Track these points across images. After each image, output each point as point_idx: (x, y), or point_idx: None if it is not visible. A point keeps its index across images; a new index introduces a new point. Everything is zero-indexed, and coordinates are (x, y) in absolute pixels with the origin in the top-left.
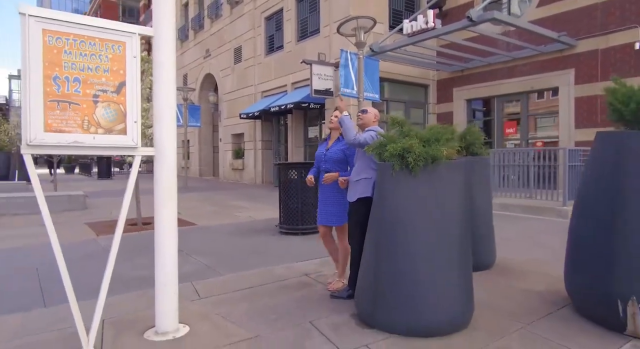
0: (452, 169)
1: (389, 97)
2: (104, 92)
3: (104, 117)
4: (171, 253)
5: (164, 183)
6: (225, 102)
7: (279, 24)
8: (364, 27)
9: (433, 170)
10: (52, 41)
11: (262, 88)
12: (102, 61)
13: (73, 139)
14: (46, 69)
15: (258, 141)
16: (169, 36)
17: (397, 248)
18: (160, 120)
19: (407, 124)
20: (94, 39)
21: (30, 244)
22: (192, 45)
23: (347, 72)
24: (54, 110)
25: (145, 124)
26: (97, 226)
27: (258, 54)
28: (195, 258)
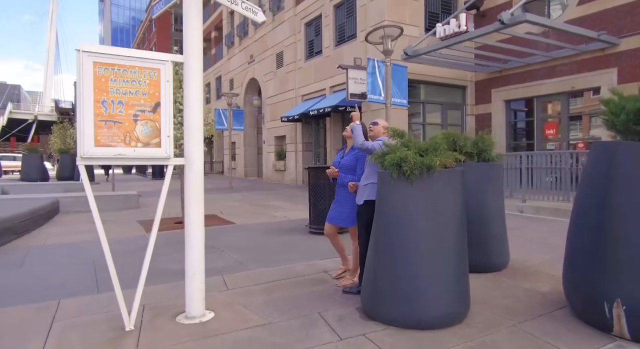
0: (447, 177)
1: (425, 99)
2: (142, 111)
3: (142, 133)
4: (198, 247)
5: (193, 186)
6: (268, 106)
7: (317, 30)
8: (391, 35)
9: (428, 178)
10: (101, 71)
11: (302, 92)
12: (140, 86)
13: (117, 152)
14: (96, 94)
15: (299, 143)
16: (196, 63)
17: (394, 248)
18: (190, 136)
19: (407, 135)
20: (134, 68)
21: (88, 239)
22: (237, 51)
23: (374, 80)
24: (102, 128)
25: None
26: (146, 223)
27: (298, 59)
28: (229, 254)
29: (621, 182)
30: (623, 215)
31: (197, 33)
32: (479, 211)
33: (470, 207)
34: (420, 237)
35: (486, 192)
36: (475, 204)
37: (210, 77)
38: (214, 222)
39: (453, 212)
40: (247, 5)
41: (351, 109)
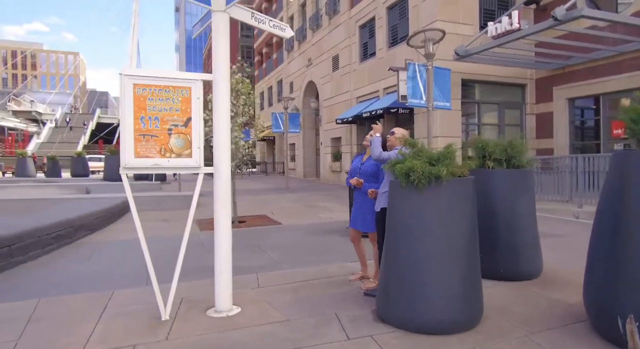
0: (456, 186)
1: (480, 99)
2: (176, 126)
3: (176, 145)
4: (225, 247)
5: (220, 192)
6: (324, 108)
7: (371, 32)
8: (433, 38)
9: (437, 186)
10: (140, 92)
11: (357, 94)
12: (174, 103)
13: (154, 162)
14: (136, 112)
15: (353, 145)
16: (223, 83)
17: (403, 254)
18: (219, 148)
19: (419, 145)
20: (168, 87)
21: (150, 235)
22: (296, 55)
23: (414, 84)
24: (140, 141)
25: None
26: (202, 222)
27: (353, 61)
28: (268, 254)
29: (634, 193)
30: (636, 226)
31: (224, 56)
32: (507, 218)
33: (498, 214)
34: (428, 243)
35: (516, 199)
36: (504, 211)
37: (272, 81)
38: (263, 222)
39: (462, 220)
40: (275, 23)
41: (404, 111)
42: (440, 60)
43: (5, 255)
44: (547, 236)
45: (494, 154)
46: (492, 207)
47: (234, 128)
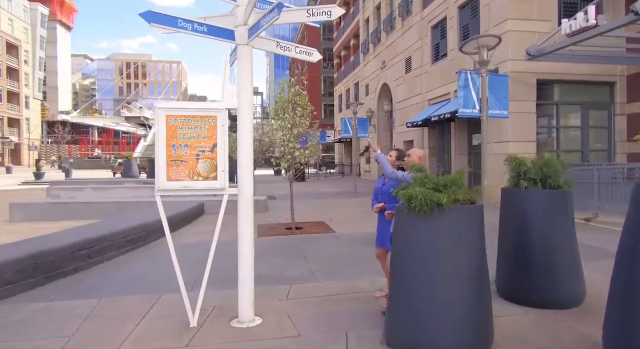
0: (459, 213)
1: (559, 99)
2: (203, 152)
3: (203, 169)
4: (248, 262)
5: (244, 210)
6: (397, 111)
7: (443, 33)
8: (487, 45)
9: (439, 213)
10: (172, 122)
11: (429, 96)
12: (201, 131)
13: (183, 185)
14: (168, 140)
15: (425, 148)
16: (247, 111)
17: (407, 278)
18: (242, 169)
19: (425, 170)
20: (196, 117)
21: (205, 239)
22: (371, 58)
23: (466, 93)
24: (172, 166)
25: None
26: (263, 228)
27: (425, 63)
28: (309, 264)
29: None
30: None
31: (248, 86)
32: (542, 240)
33: (532, 236)
34: (431, 269)
35: (551, 222)
36: (538, 233)
37: (349, 83)
38: (318, 229)
39: (467, 247)
40: (301, 48)
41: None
42: (511, 61)
43: (84, 256)
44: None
45: (528, 173)
46: (525, 229)
47: (289, 139)
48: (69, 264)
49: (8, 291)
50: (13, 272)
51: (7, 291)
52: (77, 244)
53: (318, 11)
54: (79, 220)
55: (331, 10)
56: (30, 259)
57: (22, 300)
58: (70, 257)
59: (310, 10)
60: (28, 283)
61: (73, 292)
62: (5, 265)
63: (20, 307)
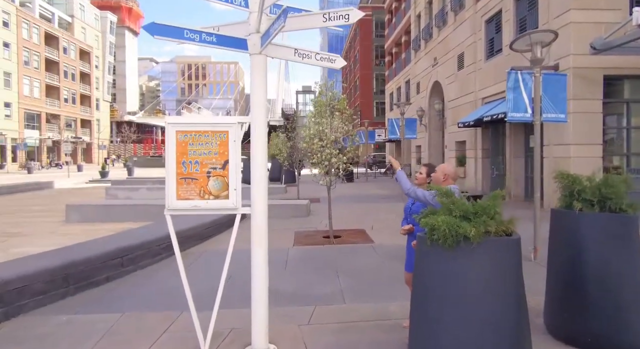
0: (491, 247)
1: (630, 97)
2: (214, 169)
3: (214, 187)
4: (261, 288)
5: (257, 232)
6: (449, 109)
7: (498, 27)
8: (542, 41)
9: (466, 247)
10: (182, 138)
11: (482, 95)
12: (212, 147)
13: (193, 204)
14: (178, 157)
15: (478, 150)
16: (261, 123)
17: (427, 316)
18: (255, 187)
19: (452, 195)
20: (207, 132)
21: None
22: (422, 54)
23: (517, 95)
24: (182, 184)
25: (330, 154)
26: (300, 236)
27: (478, 60)
28: (339, 280)
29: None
30: None
31: (262, 98)
32: (600, 273)
33: (588, 267)
34: (454, 309)
35: (612, 250)
36: (596, 264)
37: (401, 81)
38: (357, 239)
39: (498, 288)
40: (322, 55)
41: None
42: (573, 56)
43: (117, 265)
44: None
45: (583, 193)
46: (580, 258)
47: (326, 145)
48: (100, 274)
49: (38, 302)
50: (43, 283)
51: (37, 302)
52: (110, 253)
53: (335, 15)
54: (129, 222)
55: (349, 13)
56: (61, 270)
57: (51, 311)
58: (101, 267)
59: (327, 14)
60: (59, 293)
61: (101, 303)
62: (35, 276)
63: (45, 320)
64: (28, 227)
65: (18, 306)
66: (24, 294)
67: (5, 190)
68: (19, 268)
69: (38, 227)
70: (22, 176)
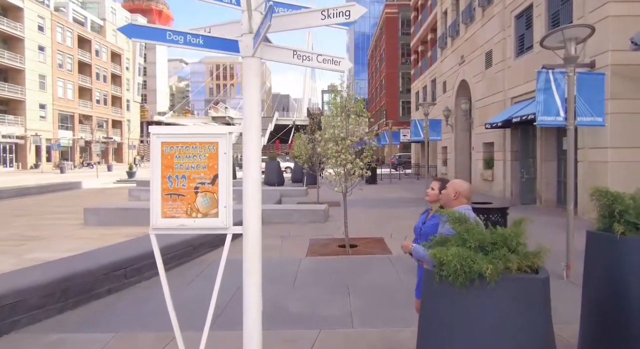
0: (511, 287)
1: None
2: (203, 184)
3: (202, 204)
4: (253, 319)
5: (250, 255)
6: (476, 109)
7: (528, 22)
8: (577, 37)
9: (481, 286)
10: (168, 150)
11: (511, 94)
12: (201, 160)
13: (179, 223)
14: (163, 171)
15: (507, 152)
16: (254, 133)
17: None
18: (247, 205)
19: (467, 220)
20: (195, 143)
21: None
22: (449, 52)
23: (547, 97)
24: (168, 201)
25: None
26: (315, 244)
27: (508, 57)
28: (350, 299)
29: None
30: None
31: (255, 104)
32: None
33: (632, 301)
34: None
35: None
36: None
37: (426, 80)
38: (374, 249)
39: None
40: (325, 57)
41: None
42: (612, 53)
43: (120, 276)
44: None
45: (626, 214)
46: (621, 288)
47: (341, 150)
48: (101, 286)
49: (32, 317)
50: (39, 297)
51: (31, 318)
52: (114, 264)
53: (334, 12)
54: (146, 226)
55: (350, 10)
56: (60, 283)
57: (45, 328)
58: (103, 279)
59: (325, 11)
60: (56, 308)
61: (97, 319)
62: (29, 291)
63: (36, 338)
64: (47, 230)
65: (12, 322)
66: (17, 309)
67: (35, 190)
68: (14, 281)
69: (57, 230)
70: (55, 175)
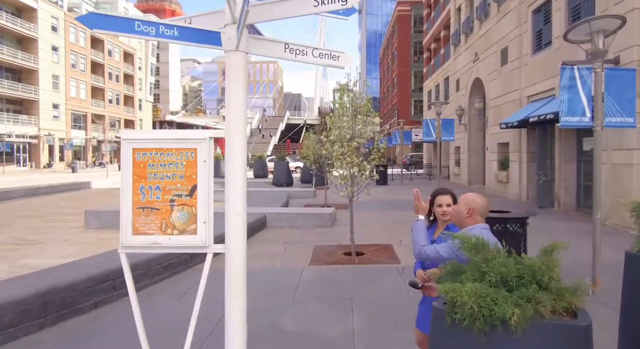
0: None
1: None
2: (179, 196)
3: (179, 219)
4: None
5: (233, 277)
6: (491, 108)
7: (547, 17)
8: (605, 29)
9: (505, 334)
10: (140, 157)
11: (528, 92)
12: (177, 168)
13: (152, 240)
14: (135, 181)
15: (523, 153)
16: (238, 136)
17: None
18: (230, 220)
19: (486, 245)
20: (171, 150)
21: (264, 266)
22: (462, 50)
23: (572, 95)
24: (140, 216)
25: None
26: (319, 252)
27: (524, 54)
28: (353, 316)
29: None
30: None
31: (240, 103)
32: None
33: None
34: None
35: None
36: None
37: (439, 78)
38: (382, 257)
39: None
40: (322, 51)
41: None
42: (638, 48)
43: (108, 289)
44: None
45: None
46: None
47: (347, 153)
48: (87, 299)
49: (9, 335)
50: (15, 313)
51: (8, 336)
52: (100, 275)
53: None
54: None
55: None
56: (39, 298)
57: (20, 346)
58: (89, 292)
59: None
60: (36, 324)
61: (78, 338)
62: (4, 307)
63: None
64: (47, 233)
65: None
66: None
67: (43, 190)
68: None
69: (56, 234)
70: (66, 175)
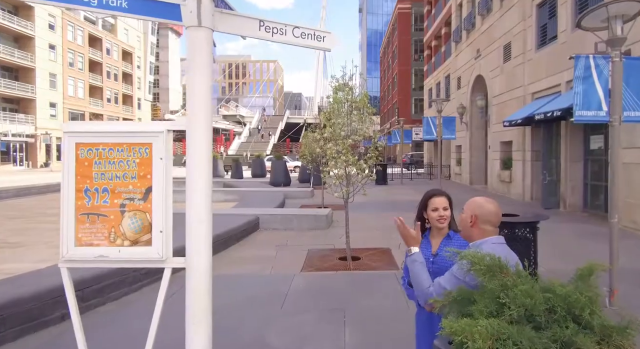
0: None
1: None
2: (131, 200)
3: (130, 228)
4: None
5: (195, 297)
6: (493, 106)
7: (552, 10)
8: (624, 14)
9: None
10: (84, 154)
11: (532, 89)
12: (129, 167)
13: (98, 253)
14: (78, 182)
15: (527, 151)
16: (202, 129)
17: None
18: (192, 230)
19: (504, 266)
20: (121, 145)
21: (254, 270)
22: (464, 46)
23: (587, 87)
24: (84, 223)
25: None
26: (313, 255)
27: (528, 49)
28: (345, 330)
29: None
30: None
31: (204, 91)
32: None
33: None
34: None
35: None
36: None
37: (440, 76)
38: (379, 262)
39: None
40: (304, 30)
41: None
42: None
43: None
44: None
45: None
46: None
47: (342, 151)
48: (52, 312)
49: None
50: None
51: None
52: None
53: None
54: None
55: None
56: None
57: None
58: (54, 303)
59: None
60: None
61: None
62: None
63: None
64: (30, 235)
65: None
66: None
67: (35, 190)
68: None
69: (40, 236)
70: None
